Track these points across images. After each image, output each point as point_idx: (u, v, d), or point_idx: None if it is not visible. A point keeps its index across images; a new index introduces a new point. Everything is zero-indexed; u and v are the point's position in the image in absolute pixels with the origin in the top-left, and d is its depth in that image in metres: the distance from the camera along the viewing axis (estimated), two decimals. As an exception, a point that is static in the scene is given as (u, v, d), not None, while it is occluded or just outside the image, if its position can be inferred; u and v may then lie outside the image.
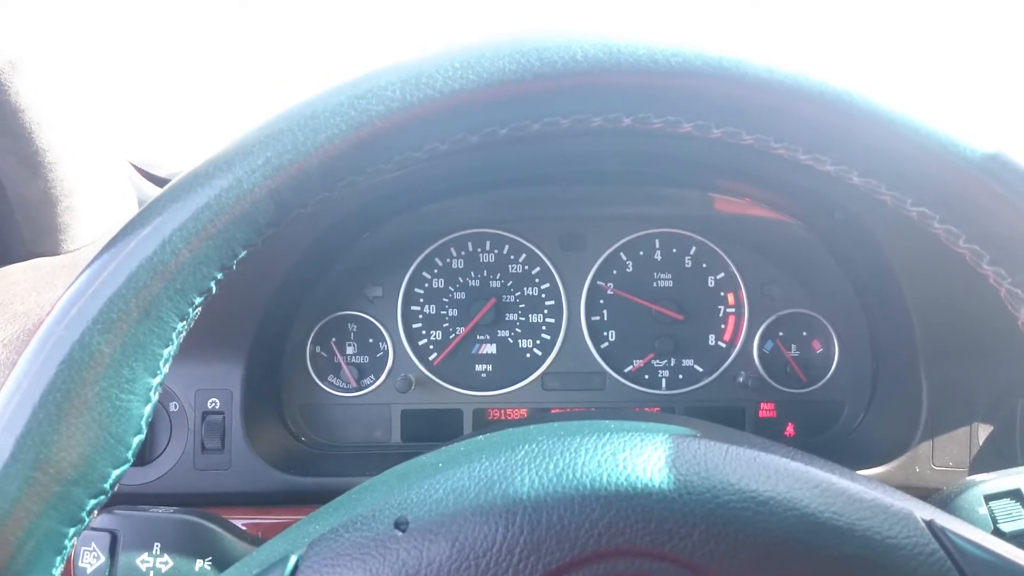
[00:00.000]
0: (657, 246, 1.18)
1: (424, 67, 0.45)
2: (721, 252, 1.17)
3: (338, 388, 1.14)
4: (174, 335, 0.45)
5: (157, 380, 0.45)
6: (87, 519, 0.43)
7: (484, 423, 1.15)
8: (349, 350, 1.15)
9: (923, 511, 0.46)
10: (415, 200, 1.05)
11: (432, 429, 1.14)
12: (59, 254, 1.13)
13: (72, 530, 0.42)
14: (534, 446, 0.47)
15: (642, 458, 0.46)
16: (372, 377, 1.15)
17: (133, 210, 1.04)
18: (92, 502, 0.42)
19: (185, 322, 0.46)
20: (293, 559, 0.44)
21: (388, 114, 0.45)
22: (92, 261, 0.44)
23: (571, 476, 0.45)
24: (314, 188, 0.46)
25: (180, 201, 0.44)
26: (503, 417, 1.16)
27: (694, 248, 1.18)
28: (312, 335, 1.14)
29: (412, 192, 1.01)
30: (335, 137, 0.45)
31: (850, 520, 0.44)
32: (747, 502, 0.44)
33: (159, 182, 1.25)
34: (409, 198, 1.03)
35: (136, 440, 0.44)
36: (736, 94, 0.45)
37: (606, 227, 1.17)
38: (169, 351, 0.45)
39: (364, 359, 1.15)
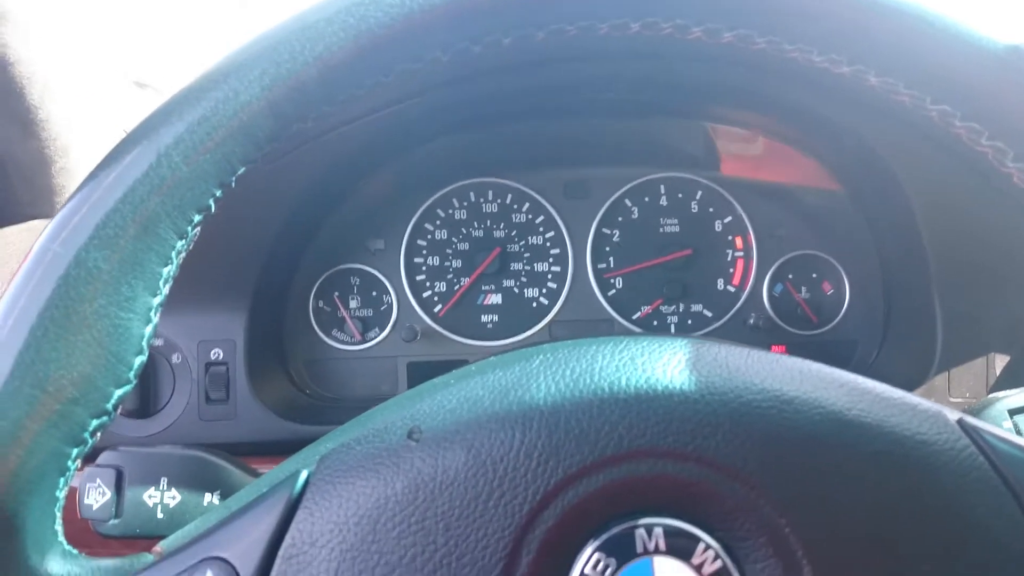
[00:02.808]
0: (662, 191, 1.16)
1: None
2: (728, 195, 1.15)
3: (343, 342, 1.13)
4: (173, 254, 0.44)
5: (157, 300, 0.44)
6: (90, 440, 0.42)
7: None
8: (352, 304, 1.13)
9: (952, 413, 0.45)
10: (413, 139, 1.02)
11: None
12: (55, 216, 1.11)
13: (75, 451, 0.41)
14: (549, 355, 0.46)
15: (661, 361, 0.44)
16: (377, 330, 1.13)
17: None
18: (95, 422, 0.42)
19: (184, 241, 0.45)
20: (304, 474, 0.43)
21: (388, 21, 0.43)
22: (87, 179, 0.43)
23: (589, 381, 0.43)
24: (313, 101, 0.45)
25: (176, 115, 0.43)
26: None
27: (700, 192, 1.16)
28: (314, 289, 1.12)
29: (409, 129, 0.98)
30: (333, 46, 0.43)
31: (878, 418, 0.42)
32: (771, 401, 0.42)
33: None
34: (406, 136, 1.01)
35: (138, 360, 0.43)
36: None
37: (610, 173, 1.15)
38: (169, 270, 0.44)
39: (368, 312, 1.14)
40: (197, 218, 0.45)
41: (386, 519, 0.40)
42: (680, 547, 0.39)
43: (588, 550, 0.39)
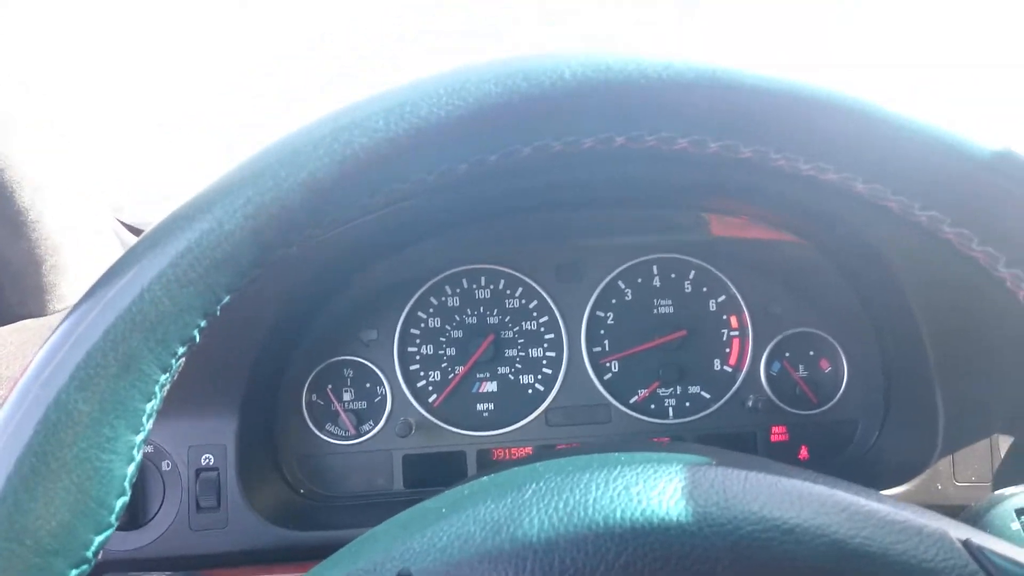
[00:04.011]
0: (655, 272, 1.16)
1: (408, 95, 0.43)
2: (721, 274, 1.15)
3: (336, 436, 1.11)
4: (157, 388, 0.43)
5: (140, 437, 0.42)
6: None
7: (488, 464, 1.11)
8: (346, 396, 1.12)
9: (957, 531, 0.43)
10: (405, 238, 1.02)
11: (435, 473, 1.11)
12: (46, 315, 1.10)
13: None
14: (541, 484, 0.45)
15: (656, 490, 0.43)
16: (371, 423, 1.12)
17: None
18: (74, 572, 0.40)
19: (168, 374, 0.43)
20: None
21: (372, 145, 0.43)
22: (68, 314, 0.42)
23: (582, 514, 0.42)
24: (299, 226, 0.44)
25: (159, 247, 0.42)
26: (507, 457, 1.12)
27: (693, 272, 1.16)
28: (307, 383, 1.11)
29: (401, 230, 0.99)
30: (318, 171, 0.43)
31: (883, 545, 0.41)
32: (771, 531, 0.41)
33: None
34: (398, 236, 1.01)
35: (119, 503, 0.41)
36: (732, 104, 0.44)
37: (602, 255, 1.15)
38: (152, 405, 0.43)
39: (362, 405, 1.12)
40: (181, 350, 0.43)
41: None
42: None
43: None
